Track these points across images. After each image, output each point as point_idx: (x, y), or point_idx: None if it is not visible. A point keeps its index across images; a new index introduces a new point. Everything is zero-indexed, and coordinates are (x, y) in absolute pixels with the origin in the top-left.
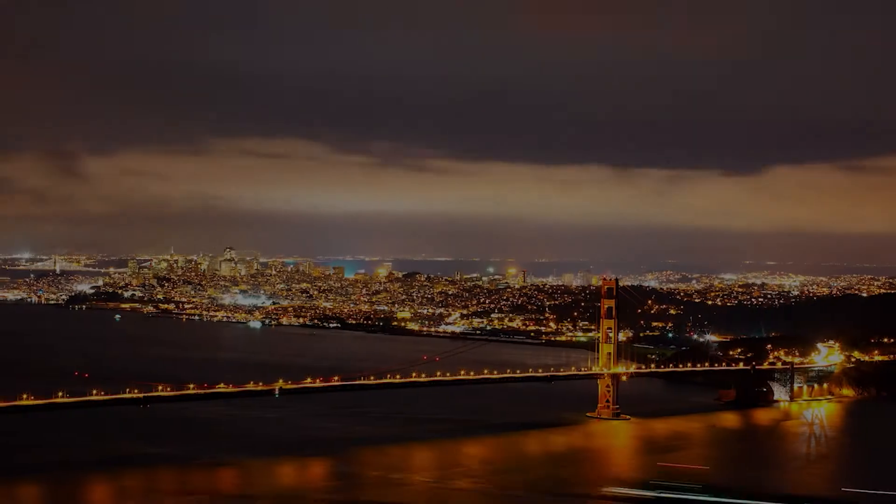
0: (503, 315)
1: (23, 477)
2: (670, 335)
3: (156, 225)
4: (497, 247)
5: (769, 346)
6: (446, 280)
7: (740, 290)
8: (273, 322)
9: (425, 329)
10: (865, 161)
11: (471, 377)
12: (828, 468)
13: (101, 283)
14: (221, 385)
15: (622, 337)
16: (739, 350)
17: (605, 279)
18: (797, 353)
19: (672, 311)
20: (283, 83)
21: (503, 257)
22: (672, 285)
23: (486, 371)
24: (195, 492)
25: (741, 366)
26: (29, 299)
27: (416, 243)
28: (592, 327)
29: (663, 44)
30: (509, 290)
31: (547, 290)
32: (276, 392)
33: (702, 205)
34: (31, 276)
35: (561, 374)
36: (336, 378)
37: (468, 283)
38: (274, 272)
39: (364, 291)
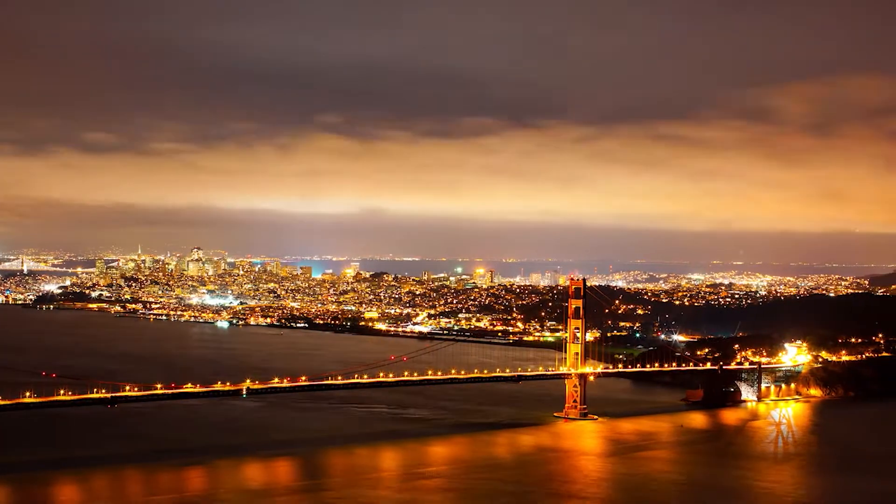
0: (471, 315)
1: None
2: (638, 335)
3: (123, 225)
4: (465, 247)
5: (737, 346)
6: (414, 280)
7: (708, 290)
8: (241, 322)
9: (393, 329)
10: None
11: (438, 377)
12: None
13: (68, 283)
14: (189, 385)
15: (590, 337)
16: (707, 350)
17: (572, 279)
18: (765, 353)
19: (640, 311)
20: (251, 82)
21: (471, 257)
22: (640, 285)
23: (453, 371)
24: (162, 492)
25: (709, 366)
26: None
27: (383, 243)
28: (560, 327)
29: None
30: (477, 290)
31: (515, 290)
32: (244, 392)
33: (671, 205)
34: None
35: (528, 374)
36: (303, 378)
37: (436, 283)
38: (241, 272)
39: (331, 291)
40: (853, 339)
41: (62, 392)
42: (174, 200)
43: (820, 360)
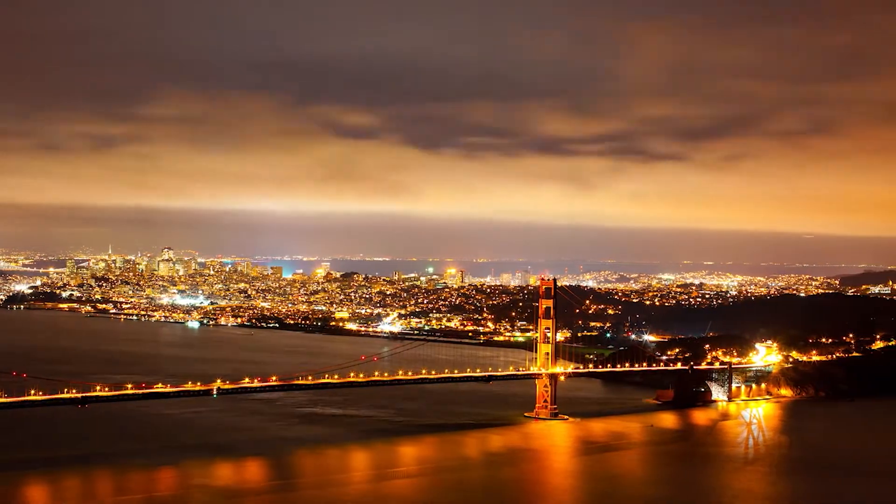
0: (441, 315)
1: None
2: (608, 335)
3: (94, 225)
4: (435, 247)
5: (707, 346)
6: (384, 280)
7: (678, 290)
8: (211, 322)
9: (363, 329)
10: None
11: (409, 377)
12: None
13: (39, 283)
14: (160, 385)
15: (560, 337)
16: (677, 350)
17: (543, 279)
18: (735, 353)
19: (610, 311)
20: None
21: (441, 257)
22: (610, 285)
23: (424, 371)
24: (133, 492)
25: (679, 366)
26: None
27: (353, 243)
28: (530, 327)
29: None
30: (447, 290)
31: (485, 290)
32: (214, 392)
33: (641, 205)
34: None
35: (499, 374)
36: (274, 378)
37: (406, 283)
38: (212, 272)
39: (302, 291)
40: (824, 339)
41: (33, 392)
42: (144, 201)
43: (790, 360)
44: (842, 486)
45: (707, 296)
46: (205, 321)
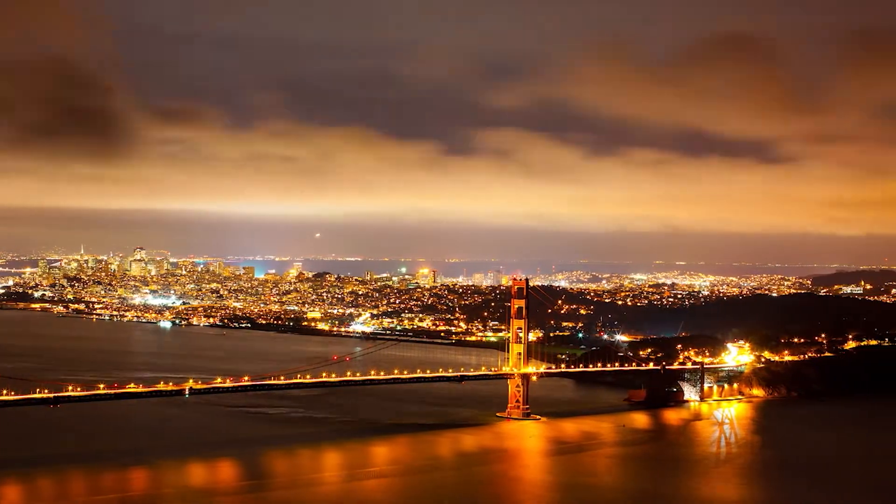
0: (413, 315)
1: None
2: (581, 335)
3: (67, 224)
4: (407, 247)
5: (679, 346)
6: (356, 280)
7: (650, 290)
8: (183, 322)
9: (335, 329)
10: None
11: (381, 377)
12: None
13: (11, 283)
14: (132, 385)
15: (532, 337)
16: (650, 350)
17: (515, 279)
18: (707, 353)
19: (582, 311)
20: (189, 77)
21: (414, 257)
22: (582, 285)
23: (396, 371)
24: (105, 492)
25: (651, 366)
26: None
27: (326, 243)
28: (503, 327)
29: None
30: (420, 290)
31: (457, 290)
32: (187, 392)
33: (613, 205)
34: None
35: (471, 374)
36: (246, 378)
37: (378, 284)
38: (184, 272)
39: (274, 291)
40: (796, 339)
41: (4, 392)
42: (117, 200)
43: (763, 360)
44: (813, 486)
45: (679, 296)
46: (177, 321)
